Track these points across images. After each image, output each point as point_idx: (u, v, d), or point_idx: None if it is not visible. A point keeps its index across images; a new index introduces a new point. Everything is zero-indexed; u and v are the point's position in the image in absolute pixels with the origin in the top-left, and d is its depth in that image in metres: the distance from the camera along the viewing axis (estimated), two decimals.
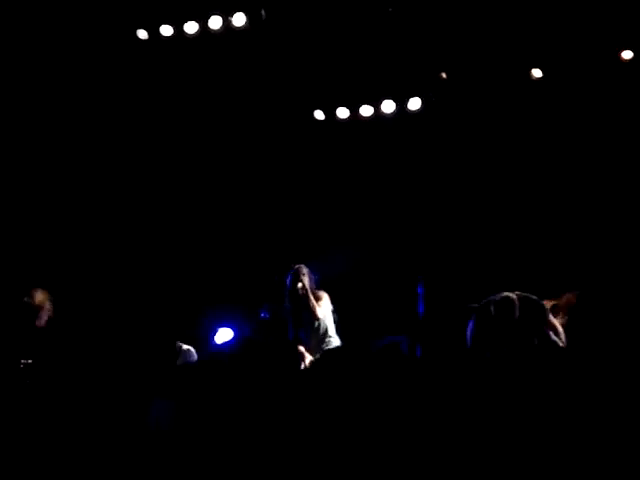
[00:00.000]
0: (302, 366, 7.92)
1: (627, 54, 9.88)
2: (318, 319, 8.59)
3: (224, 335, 9.51)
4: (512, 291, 8.65)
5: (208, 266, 10.86)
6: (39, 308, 8.09)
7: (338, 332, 8.80)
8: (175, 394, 5.58)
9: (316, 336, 8.57)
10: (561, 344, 8.20)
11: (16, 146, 10.46)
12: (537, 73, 10.11)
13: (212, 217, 11.01)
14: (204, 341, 9.35)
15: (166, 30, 10.08)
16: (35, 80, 10.27)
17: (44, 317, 8.11)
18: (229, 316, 10.00)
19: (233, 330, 9.69)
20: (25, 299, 8.06)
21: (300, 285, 8.66)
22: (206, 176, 11.05)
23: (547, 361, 8.02)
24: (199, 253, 10.96)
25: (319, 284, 9.03)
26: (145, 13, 10.10)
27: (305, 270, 8.81)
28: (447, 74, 10.37)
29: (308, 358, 8.28)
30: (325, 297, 8.75)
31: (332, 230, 10.87)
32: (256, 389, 5.41)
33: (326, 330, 8.63)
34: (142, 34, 10.13)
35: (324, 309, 8.68)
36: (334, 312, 8.91)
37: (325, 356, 5.88)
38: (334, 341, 8.59)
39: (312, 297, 8.64)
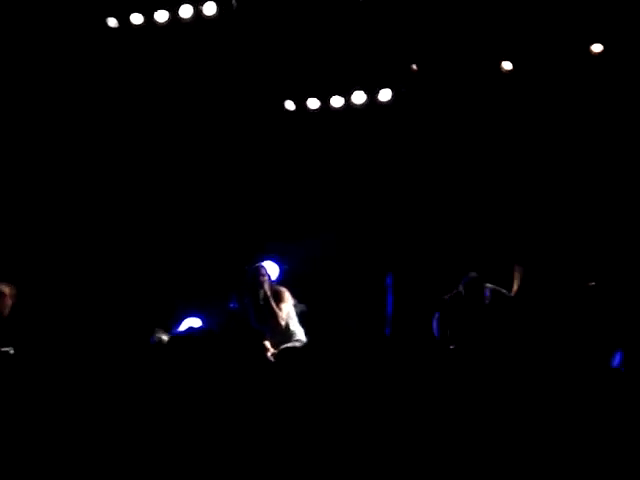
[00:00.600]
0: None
1: (597, 47, 9.95)
2: (280, 324, 8.59)
3: (192, 324, 9.51)
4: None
5: (178, 256, 10.85)
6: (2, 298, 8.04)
7: (304, 322, 8.83)
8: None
9: (279, 333, 8.57)
10: None
11: None
12: (507, 65, 10.16)
13: (182, 207, 11.00)
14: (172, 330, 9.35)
15: (136, 18, 10.07)
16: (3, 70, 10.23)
17: (7, 306, 8.06)
18: (198, 306, 10.01)
19: (201, 320, 9.70)
20: None
21: (262, 294, 8.65)
22: (176, 166, 11.04)
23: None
24: (169, 243, 10.95)
25: (284, 276, 9.03)
26: (115, 1, 10.07)
27: (264, 270, 8.80)
28: (418, 66, 10.41)
29: (271, 351, 8.30)
30: (286, 295, 8.72)
31: (302, 220, 10.90)
32: (222, 378, 5.42)
33: (288, 326, 8.64)
34: (112, 22, 10.10)
35: (286, 309, 8.67)
36: (297, 304, 8.93)
37: (286, 351, 5.90)
38: (297, 334, 8.62)
39: (274, 303, 8.62)
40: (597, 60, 9.99)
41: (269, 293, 8.63)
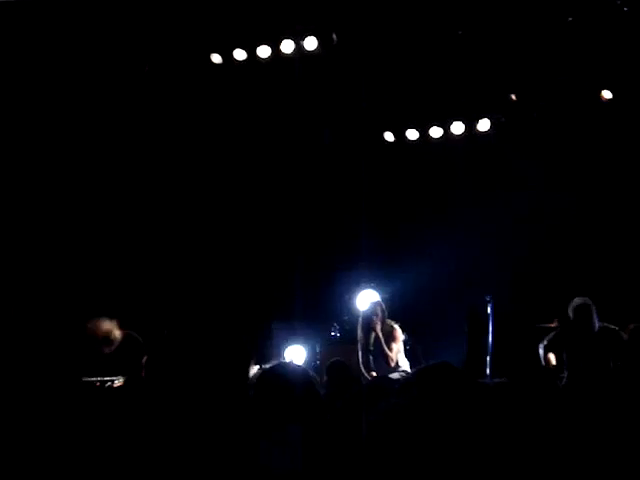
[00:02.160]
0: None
1: None
2: (390, 364, 8.64)
3: (295, 352, 9.62)
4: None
5: (280, 285, 10.98)
6: (106, 337, 7.94)
7: (409, 353, 8.89)
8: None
9: (386, 369, 8.64)
10: None
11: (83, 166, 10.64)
12: (607, 94, 10.08)
13: (284, 237, 11.17)
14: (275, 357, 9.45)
15: (239, 54, 10.29)
16: (114, 104, 10.50)
17: (112, 344, 7.93)
18: (300, 333, 10.12)
19: (304, 349, 9.81)
20: (90, 329, 7.92)
21: (373, 337, 8.73)
22: (286, 195, 11.23)
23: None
24: (271, 271, 11.10)
25: (389, 305, 9.08)
26: (219, 37, 10.30)
27: (379, 310, 8.84)
28: (517, 95, 10.40)
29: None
30: (398, 334, 8.77)
31: (403, 251, 10.98)
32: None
33: (397, 362, 8.72)
34: (216, 58, 10.34)
35: (397, 348, 8.71)
36: (404, 334, 8.96)
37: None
38: (403, 366, 8.69)
39: (385, 346, 8.67)
40: None
41: (381, 335, 8.70)
